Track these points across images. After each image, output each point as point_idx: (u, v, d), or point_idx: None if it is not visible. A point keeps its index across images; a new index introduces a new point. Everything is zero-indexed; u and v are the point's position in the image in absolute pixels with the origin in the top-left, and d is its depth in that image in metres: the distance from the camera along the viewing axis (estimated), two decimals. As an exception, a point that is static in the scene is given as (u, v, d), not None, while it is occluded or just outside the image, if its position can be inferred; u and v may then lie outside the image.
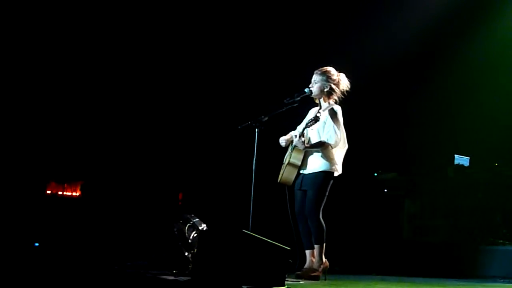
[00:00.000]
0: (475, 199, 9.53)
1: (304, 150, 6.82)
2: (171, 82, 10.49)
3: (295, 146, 6.85)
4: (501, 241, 9.03)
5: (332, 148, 6.80)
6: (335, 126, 6.76)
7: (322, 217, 6.75)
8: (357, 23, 10.59)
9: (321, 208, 6.76)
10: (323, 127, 6.82)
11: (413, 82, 10.81)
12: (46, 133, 9.97)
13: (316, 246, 6.73)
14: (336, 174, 6.87)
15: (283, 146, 7.03)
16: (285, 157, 7.04)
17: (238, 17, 10.52)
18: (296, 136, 6.84)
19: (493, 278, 8.08)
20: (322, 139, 6.80)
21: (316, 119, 6.71)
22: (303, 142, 6.77)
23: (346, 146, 6.93)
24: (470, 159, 9.94)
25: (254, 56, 10.50)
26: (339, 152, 6.89)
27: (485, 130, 10.32)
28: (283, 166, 6.95)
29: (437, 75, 10.63)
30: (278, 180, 6.93)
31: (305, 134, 6.86)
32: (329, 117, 6.79)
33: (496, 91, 10.27)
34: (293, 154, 6.85)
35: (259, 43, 10.54)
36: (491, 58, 10.41)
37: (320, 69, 6.93)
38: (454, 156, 9.89)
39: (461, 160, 9.86)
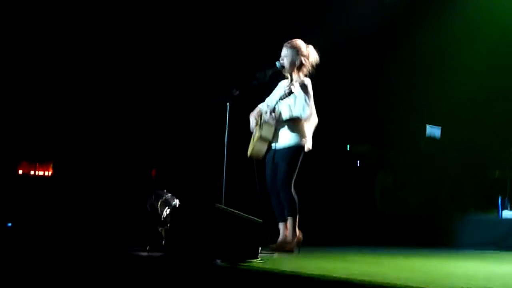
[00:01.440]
0: (447, 170, 9.60)
1: (274, 124, 6.80)
2: (142, 58, 10.40)
3: (265, 120, 6.82)
4: (474, 210, 9.12)
5: (303, 122, 6.79)
6: (306, 100, 6.74)
7: (295, 189, 6.76)
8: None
9: (293, 181, 6.76)
10: (294, 101, 6.80)
11: (383, 53, 10.80)
12: (16, 113, 9.87)
13: (289, 219, 6.73)
14: (306, 148, 6.86)
15: (252, 126, 7.01)
16: (254, 131, 7.01)
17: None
18: (266, 112, 6.82)
19: (466, 247, 8.17)
20: (294, 113, 6.78)
21: (289, 92, 6.69)
22: (273, 117, 6.76)
23: (316, 120, 6.92)
24: (441, 129, 9.99)
25: (223, 31, 10.44)
26: (309, 126, 6.88)
27: (456, 100, 10.36)
28: (252, 140, 6.93)
29: (407, 45, 10.63)
30: (248, 154, 6.91)
31: (276, 109, 6.84)
32: (300, 91, 6.77)
33: (466, 60, 10.29)
34: (264, 127, 6.83)
35: (228, 17, 10.48)
36: (462, 27, 10.44)
37: (290, 42, 6.89)
38: (426, 127, 9.94)
39: (433, 130, 9.91)
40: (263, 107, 6.98)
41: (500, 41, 10.09)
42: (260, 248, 5.66)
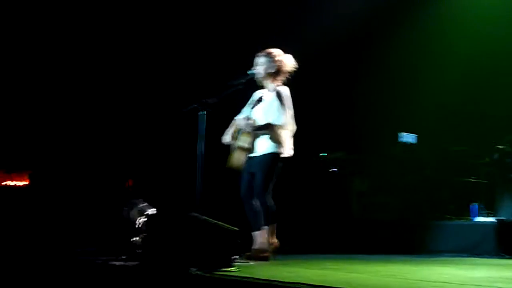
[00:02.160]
0: (422, 176, 9.65)
1: (251, 133, 6.81)
2: (116, 67, 10.39)
3: (241, 129, 6.84)
4: (448, 216, 9.18)
5: (279, 129, 6.80)
6: (282, 107, 6.76)
7: (273, 197, 6.77)
8: (298, 4, 10.60)
9: (270, 189, 6.77)
10: (270, 108, 6.82)
11: (357, 62, 10.87)
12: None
13: (264, 227, 6.75)
14: (287, 155, 6.88)
15: (226, 141, 7.01)
16: (233, 143, 7.01)
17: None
18: (242, 119, 6.83)
19: (442, 253, 8.21)
20: (268, 120, 6.80)
21: (259, 100, 6.71)
22: (249, 124, 6.78)
23: (294, 128, 6.93)
24: (417, 137, 10.05)
25: (199, 38, 10.45)
26: (286, 134, 6.89)
27: (430, 108, 10.44)
28: (232, 153, 6.94)
29: (381, 54, 10.70)
30: (227, 165, 6.91)
31: (250, 117, 6.86)
32: (275, 98, 6.80)
33: (438, 68, 10.39)
34: (241, 137, 6.85)
35: (203, 24, 10.49)
36: (434, 36, 10.53)
37: (264, 51, 6.92)
38: (401, 134, 9.99)
39: (409, 137, 9.95)
40: (238, 119, 6.98)
41: (474, 48, 10.18)
42: (235, 256, 5.68)
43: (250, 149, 6.86)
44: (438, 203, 9.46)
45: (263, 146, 6.84)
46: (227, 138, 7.04)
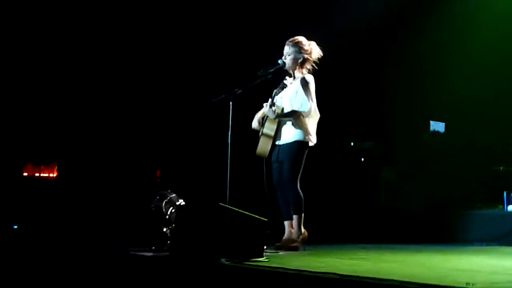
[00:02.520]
0: (451, 165, 9.59)
1: (277, 120, 6.81)
2: (145, 59, 10.41)
3: (267, 116, 6.83)
4: (479, 204, 9.11)
5: (304, 117, 6.79)
6: (307, 95, 6.74)
7: (300, 187, 6.77)
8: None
9: (298, 178, 6.76)
10: (295, 96, 6.80)
11: (385, 50, 10.80)
12: (20, 115, 9.89)
13: (294, 217, 6.74)
14: (310, 144, 6.86)
15: (255, 127, 7.03)
16: (260, 129, 7.02)
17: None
18: (267, 105, 6.82)
19: (472, 242, 8.16)
20: (293, 107, 6.79)
21: (283, 86, 6.70)
22: (274, 111, 6.76)
23: (318, 115, 6.91)
24: (445, 125, 9.99)
25: (226, 29, 10.44)
26: (312, 122, 6.88)
27: (459, 96, 10.35)
28: (259, 138, 6.94)
29: (410, 41, 10.62)
30: (256, 152, 6.91)
31: (277, 104, 6.85)
32: (300, 86, 6.78)
33: (469, 56, 10.29)
34: (266, 124, 6.84)
35: (230, 16, 10.48)
36: (465, 22, 10.42)
37: (292, 39, 6.90)
38: (429, 123, 9.94)
39: (437, 126, 9.91)
40: (265, 105, 6.98)
41: (505, 36, 10.07)
42: (265, 247, 5.68)
43: (276, 137, 6.84)
44: (468, 192, 9.39)
45: (289, 133, 6.83)
46: (255, 123, 7.05)
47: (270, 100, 6.92)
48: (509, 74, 10.05)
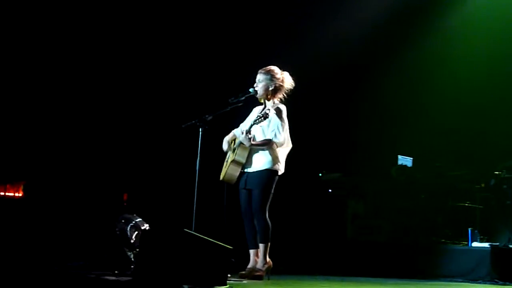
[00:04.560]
0: (418, 199, 9.65)
1: (249, 148, 6.80)
2: (116, 81, 10.38)
3: (240, 143, 6.82)
4: (443, 240, 9.16)
5: (277, 146, 6.80)
6: (281, 125, 6.76)
7: (268, 216, 6.76)
8: (300, 23, 10.64)
9: (267, 207, 6.76)
10: (268, 125, 6.81)
11: (356, 83, 10.90)
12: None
13: (261, 245, 6.73)
14: (279, 173, 6.87)
15: (225, 149, 7.04)
16: (227, 155, 7.02)
17: (183, 15, 10.48)
18: (242, 132, 6.82)
19: (437, 277, 8.18)
20: (267, 137, 6.79)
21: (265, 116, 6.70)
22: (250, 139, 6.75)
23: (290, 146, 6.94)
24: (412, 160, 10.06)
25: (198, 55, 10.46)
26: (283, 151, 6.90)
27: (427, 131, 10.47)
28: (226, 164, 6.93)
29: (380, 77, 10.73)
30: (221, 178, 6.90)
31: (250, 133, 6.85)
32: (274, 115, 6.79)
33: (436, 93, 10.42)
34: (238, 151, 6.82)
35: (203, 42, 10.51)
36: (431, 61, 10.57)
37: (264, 68, 6.93)
38: (397, 157, 10.01)
39: (404, 160, 9.99)
40: (237, 132, 6.99)
41: (472, 72, 10.21)
42: (229, 275, 5.65)
43: (245, 165, 6.84)
44: (433, 227, 9.45)
45: (259, 161, 6.82)
46: (225, 146, 7.04)
47: (241, 127, 6.93)
48: (477, 112, 10.18)
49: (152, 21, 10.45)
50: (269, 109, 6.82)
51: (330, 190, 10.32)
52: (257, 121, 6.78)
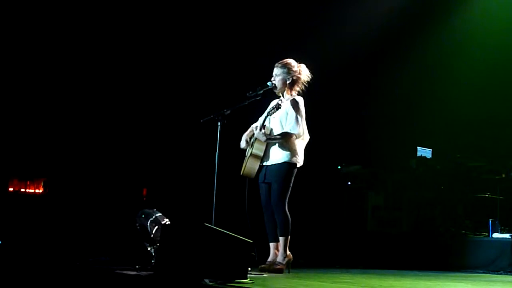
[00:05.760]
0: (438, 191, 9.61)
1: (266, 142, 6.80)
2: (134, 77, 10.42)
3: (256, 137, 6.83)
4: (464, 231, 9.13)
5: (295, 138, 6.79)
6: (298, 117, 6.75)
7: (287, 209, 6.75)
8: (318, 16, 10.61)
9: (287, 200, 6.75)
10: (286, 117, 6.80)
11: (375, 74, 10.86)
12: (7, 130, 9.86)
13: (281, 239, 6.72)
14: (298, 165, 6.86)
15: (243, 147, 7.03)
16: (247, 149, 7.02)
17: (201, 10, 10.49)
18: (257, 127, 6.82)
19: (458, 268, 8.16)
20: (285, 129, 6.78)
21: (277, 107, 6.70)
22: (264, 133, 6.75)
23: (308, 138, 6.92)
24: (432, 151, 10.03)
25: (216, 50, 10.47)
26: (301, 144, 6.87)
27: (447, 122, 10.42)
28: (246, 158, 6.93)
29: (399, 67, 10.69)
30: (241, 173, 6.90)
31: (266, 125, 6.84)
32: (291, 107, 6.78)
33: (455, 83, 10.36)
34: (255, 145, 6.82)
35: (221, 36, 10.52)
36: (451, 50, 10.51)
37: (281, 61, 6.92)
38: (416, 148, 9.98)
39: (424, 152, 9.96)
40: (254, 127, 6.99)
41: (493, 63, 10.15)
42: (249, 268, 5.65)
43: (263, 158, 6.83)
44: (454, 219, 9.41)
45: (277, 154, 6.81)
46: (243, 143, 7.04)
47: (260, 122, 6.92)
48: (498, 101, 10.12)
49: (172, 17, 10.47)
50: (281, 100, 6.82)
51: (349, 183, 10.31)
52: (270, 112, 6.78)
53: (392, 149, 10.51)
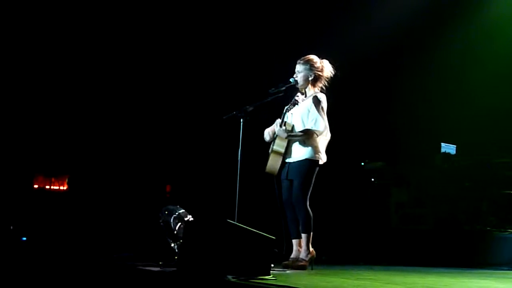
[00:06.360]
0: (462, 187, 9.55)
1: (287, 138, 6.80)
2: (156, 74, 10.45)
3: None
4: (488, 228, 9.06)
5: (317, 135, 6.78)
6: (320, 114, 6.73)
7: (309, 206, 6.74)
8: (340, 11, 10.58)
9: (308, 197, 6.74)
10: (307, 115, 6.79)
11: (398, 70, 10.80)
12: (32, 127, 9.93)
13: (303, 235, 6.72)
14: (320, 162, 6.84)
15: (267, 140, 7.02)
16: (271, 146, 7.01)
17: (222, 8, 10.50)
18: (277, 124, 6.82)
19: (482, 265, 8.10)
20: (307, 126, 6.77)
21: (294, 102, 6.70)
22: (285, 130, 6.75)
23: (329, 135, 6.91)
24: (456, 148, 9.97)
25: (239, 47, 10.48)
26: (323, 141, 6.86)
27: (471, 118, 10.33)
28: (269, 156, 6.92)
29: (423, 62, 10.62)
30: (265, 170, 6.89)
31: (287, 121, 6.83)
32: (313, 104, 6.77)
33: (480, 79, 10.27)
34: (276, 141, 6.82)
35: (243, 33, 10.52)
36: (477, 46, 10.42)
37: (303, 58, 6.90)
38: (440, 144, 9.92)
39: (448, 148, 9.90)
40: (278, 121, 6.98)
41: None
42: (272, 265, 5.66)
43: (286, 155, 6.82)
44: (478, 215, 9.35)
45: (299, 151, 6.81)
46: (266, 136, 7.04)
47: (280, 119, 6.91)
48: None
49: (196, 14, 10.50)
50: (298, 96, 6.82)
51: (373, 179, 10.28)
52: (288, 108, 6.79)
53: (416, 145, 10.45)
